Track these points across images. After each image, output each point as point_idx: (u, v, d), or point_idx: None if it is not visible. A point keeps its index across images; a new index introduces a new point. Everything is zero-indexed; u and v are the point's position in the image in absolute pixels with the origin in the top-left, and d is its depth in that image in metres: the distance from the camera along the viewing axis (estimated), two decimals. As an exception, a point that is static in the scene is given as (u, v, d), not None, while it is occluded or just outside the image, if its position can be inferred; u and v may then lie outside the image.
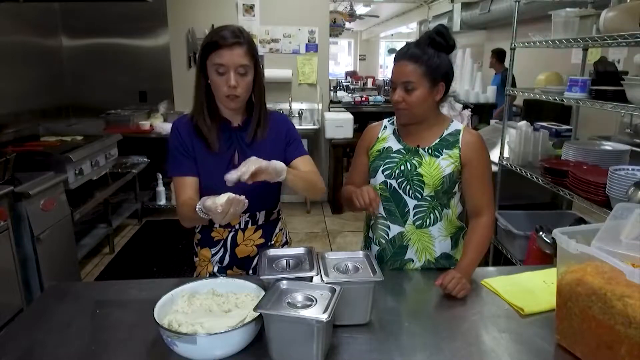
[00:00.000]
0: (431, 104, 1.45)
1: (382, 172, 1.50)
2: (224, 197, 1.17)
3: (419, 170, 1.46)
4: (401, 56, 1.41)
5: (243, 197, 1.19)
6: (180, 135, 1.46)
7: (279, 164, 1.31)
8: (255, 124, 1.47)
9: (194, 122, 1.45)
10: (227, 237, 1.53)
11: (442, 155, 1.47)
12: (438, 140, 1.48)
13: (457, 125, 1.51)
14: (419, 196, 1.48)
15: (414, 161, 1.48)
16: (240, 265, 1.56)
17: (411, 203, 1.49)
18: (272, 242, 1.59)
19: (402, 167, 1.48)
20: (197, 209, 1.24)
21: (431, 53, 1.38)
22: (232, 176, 1.20)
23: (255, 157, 1.26)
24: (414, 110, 1.42)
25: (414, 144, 1.50)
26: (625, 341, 0.92)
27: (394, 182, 1.49)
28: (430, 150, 1.48)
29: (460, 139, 1.47)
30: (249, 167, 1.22)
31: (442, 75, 1.41)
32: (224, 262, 1.55)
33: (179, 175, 1.45)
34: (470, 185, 1.49)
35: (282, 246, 1.63)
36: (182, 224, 1.44)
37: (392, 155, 1.51)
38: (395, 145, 1.52)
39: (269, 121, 1.50)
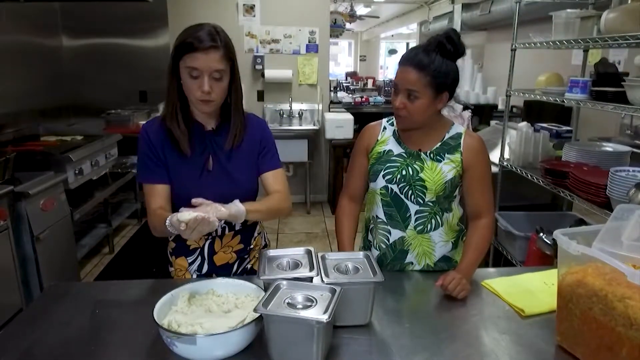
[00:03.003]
0: (432, 112, 1.42)
1: (383, 176, 1.48)
2: (187, 215, 1.14)
3: (421, 175, 1.44)
4: (407, 61, 1.36)
5: (214, 220, 1.17)
6: (150, 140, 1.38)
7: (238, 211, 1.28)
8: (234, 130, 1.41)
9: (166, 126, 1.38)
10: (204, 245, 1.49)
11: (443, 159, 1.45)
12: (439, 144, 1.47)
13: (458, 128, 1.49)
14: (421, 201, 1.47)
15: (415, 166, 1.46)
16: (220, 274, 1.50)
17: (413, 208, 1.48)
18: (252, 247, 1.56)
19: (404, 172, 1.46)
20: (166, 224, 1.22)
21: (439, 62, 1.33)
22: (184, 217, 1.15)
23: (217, 205, 1.23)
24: (414, 118, 1.40)
25: (415, 147, 1.48)
26: (626, 342, 0.92)
27: (395, 187, 1.48)
28: (432, 155, 1.46)
29: (461, 143, 1.46)
30: (208, 214, 1.18)
31: (447, 86, 1.38)
32: (203, 270, 1.50)
33: (149, 182, 1.39)
34: (471, 188, 1.48)
35: (262, 249, 1.61)
36: (153, 233, 1.38)
37: (392, 159, 1.49)
38: (396, 149, 1.50)
39: (246, 127, 1.45)
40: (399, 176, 1.47)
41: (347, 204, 1.62)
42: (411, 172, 1.46)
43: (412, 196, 1.46)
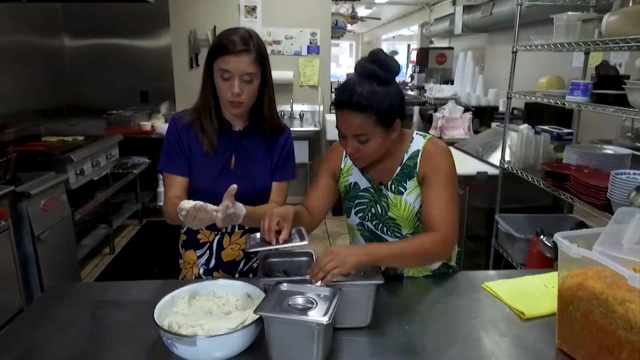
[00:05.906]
0: (389, 144, 1.31)
1: (355, 214, 1.42)
2: (189, 203, 1.18)
3: (390, 214, 1.37)
4: (345, 105, 1.21)
5: (214, 210, 1.18)
6: (178, 132, 1.44)
7: (241, 212, 1.28)
8: (267, 131, 1.46)
9: (197, 121, 1.42)
10: (213, 240, 1.52)
11: (406, 189, 1.35)
12: (399, 169, 1.36)
13: (417, 143, 1.36)
14: (399, 235, 1.40)
15: (382, 203, 1.37)
16: (226, 269, 1.54)
17: (394, 240, 1.40)
18: None
19: (373, 210, 1.39)
20: (177, 211, 1.25)
21: (379, 94, 1.20)
22: (185, 205, 1.19)
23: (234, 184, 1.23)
24: (371, 157, 1.30)
25: (377, 178, 1.39)
26: (626, 346, 0.92)
27: (369, 224, 1.42)
28: (393, 187, 1.36)
29: (418, 161, 1.33)
30: (207, 205, 1.20)
31: (395, 114, 1.25)
32: (210, 265, 1.54)
33: (169, 172, 1.44)
34: (424, 197, 1.32)
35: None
36: (167, 221, 1.44)
37: (360, 194, 1.41)
38: (362, 182, 1.41)
39: (281, 134, 1.50)
40: (369, 214, 1.40)
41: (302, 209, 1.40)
42: (380, 210, 1.38)
43: (389, 232, 1.40)
